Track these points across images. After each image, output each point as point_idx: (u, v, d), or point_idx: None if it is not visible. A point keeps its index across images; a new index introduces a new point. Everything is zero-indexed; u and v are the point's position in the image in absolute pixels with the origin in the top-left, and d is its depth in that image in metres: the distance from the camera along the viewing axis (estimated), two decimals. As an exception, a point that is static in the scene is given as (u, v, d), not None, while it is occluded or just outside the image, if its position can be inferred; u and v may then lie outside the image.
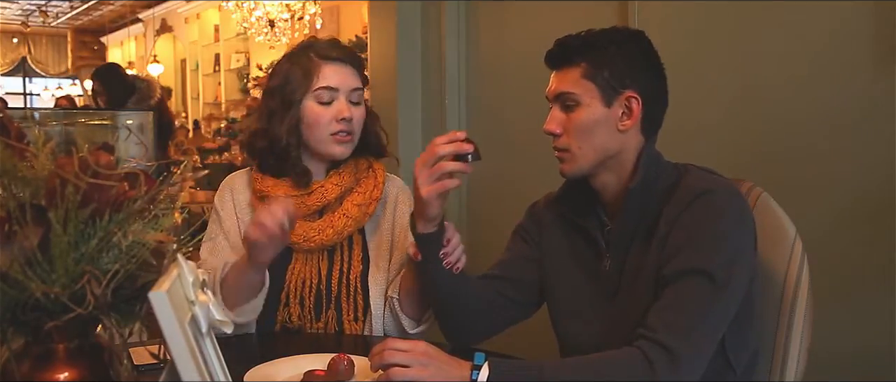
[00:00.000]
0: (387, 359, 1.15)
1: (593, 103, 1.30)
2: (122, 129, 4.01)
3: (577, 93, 1.30)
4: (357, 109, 1.59)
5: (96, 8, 11.46)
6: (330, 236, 1.56)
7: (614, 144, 1.31)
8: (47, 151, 0.87)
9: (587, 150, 1.31)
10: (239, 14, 6.66)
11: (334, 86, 1.57)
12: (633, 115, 1.30)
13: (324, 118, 1.56)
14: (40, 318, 0.82)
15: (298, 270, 1.58)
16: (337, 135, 1.57)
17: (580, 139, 1.31)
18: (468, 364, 1.16)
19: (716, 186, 1.25)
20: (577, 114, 1.30)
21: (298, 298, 1.57)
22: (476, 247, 3.02)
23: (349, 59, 1.60)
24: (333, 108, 1.56)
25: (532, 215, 1.51)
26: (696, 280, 1.18)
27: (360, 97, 1.61)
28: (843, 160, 1.75)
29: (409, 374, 1.14)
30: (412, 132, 3.07)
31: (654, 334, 1.15)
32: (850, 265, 1.71)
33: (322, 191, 1.58)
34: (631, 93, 1.30)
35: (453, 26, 2.94)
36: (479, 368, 1.15)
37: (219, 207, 1.65)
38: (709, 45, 2.04)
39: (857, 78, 1.72)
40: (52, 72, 13.87)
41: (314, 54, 1.58)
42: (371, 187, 1.63)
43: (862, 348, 1.68)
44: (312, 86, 1.56)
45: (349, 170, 1.62)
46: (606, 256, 1.35)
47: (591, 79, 1.29)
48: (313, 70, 1.57)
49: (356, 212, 1.59)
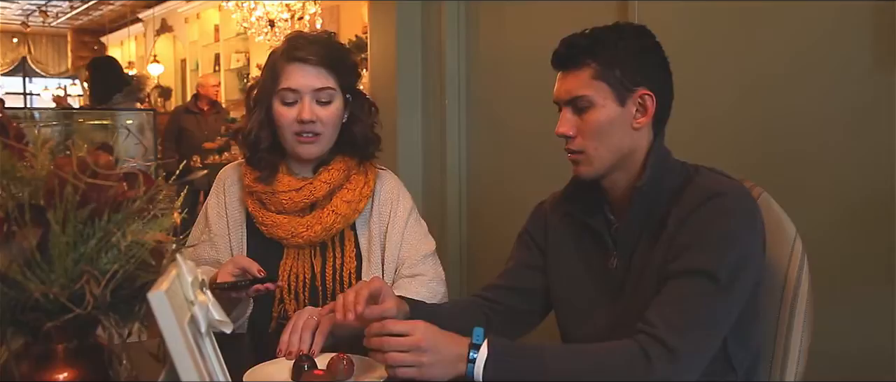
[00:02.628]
0: (383, 347, 1.15)
1: (607, 103, 1.29)
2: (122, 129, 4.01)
3: (590, 95, 1.29)
4: (324, 109, 1.57)
5: (96, 8, 11.45)
6: (318, 232, 1.57)
7: (629, 143, 1.31)
8: (46, 151, 0.87)
9: (603, 151, 1.30)
10: (239, 14, 6.67)
11: (295, 88, 1.55)
12: (648, 112, 1.30)
13: (286, 119, 1.57)
14: (40, 318, 0.82)
15: (290, 265, 1.59)
16: (300, 136, 1.56)
17: (596, 140, 1.30)
18: (466, 341, 1.17)
19: (727, 188, 1.25)
20: (592, 116, 1.29)
21: (292, 293, 1.58)
22: (475, 247, 3.02)
23: (317, 58, 1.56)
24: (296, 109, 1.56)
25: (537, 216, 1.50)
26: (699, 279, 1.18)
27: (330, 96, 1.57)
28: (843, 160, 1.75)
29: (408, 374, 1.14)
30: (412, 132, 3.07)
31: (653, 330, 1.15)
32: (851, 265, 1.70)
33: (310, 188, 1.59)
34: (644, 91, 1.29)
35: (453, 26, 2.93)
36: (477, 347, 1.15)
37: (211, 197, 1.69)
38: (708, 44, 2.04)
39: (857, 78, 1.72)
40: (52, 73, 13.86)
41: (282, 53, 1.58)
42: (361, 184, 1.63)
43: (862, 348, 1.68)
44: (277, 86, 1.56)
45: (339, 166, 1.62)
46: (613, 254, 1.34)
47: (603, 79, 1.28)
48: (279, 70, 1.57)
49: (345, 209, 1.59)
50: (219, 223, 1.65)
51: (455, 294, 2.84)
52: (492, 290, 1.48)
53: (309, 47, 1.57)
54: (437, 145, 3.01)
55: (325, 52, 1.58)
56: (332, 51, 1.60)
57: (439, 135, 2.99)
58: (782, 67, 1.87)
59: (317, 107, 1.56)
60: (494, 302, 1.47)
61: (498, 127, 2.81)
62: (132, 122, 4.21)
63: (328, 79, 1.57)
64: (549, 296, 1.46)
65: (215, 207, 1.68)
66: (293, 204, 1.58)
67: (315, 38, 1.60)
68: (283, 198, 1.58)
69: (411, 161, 3.04)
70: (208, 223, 1.66)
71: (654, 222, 1.28)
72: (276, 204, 1.59)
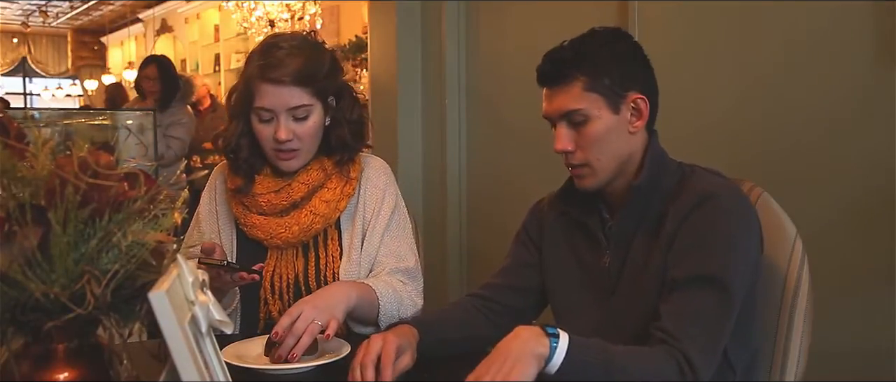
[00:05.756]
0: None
1: (603, 113, 1.29)
2: (122, 129, 4.02)
3: (584, 108, 1.28)
4: (301, 126, 1.54)
5: (96, 8, 11.45)
6: (296, 233, 1.56)
7: (628, 148, 1.31)
8: (47, 151, 0.87)
9: (606, 161, 1.30)
10: (239, 14, 6.66)
11: (269, 108, 1.53)
12: (643, 115, 1.30)
13: (263, 136, 1.55)
14: (40, 318, 0.82)
15: (274, 266, 1.59)
16: (279, 153, 1.56)
17: (598, 151, 1.30)
18: (539, 330, 1.12)
19: (722, 189, 1.25)
20: (590, 129, 1.29)
21: (277, 294, 1.57)
22: (475, 247, 3.02)
23: (290, 77, 1.51)
24: (271, 127, 1.54)
25: (534, 214, 1.51)
26: (710, 289, 1.19)
27: (306, 112, 1.54)
28: (843, 159, 1.75)
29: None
30: (412, 132, 3.07)
31: (678, 343, 1.15)
32: (851, 264, 1.71)
33: (288, 190, 1.58)
34: (636, 94, 1.30)
35: (453, 26, 2.93)
36: (556, 336, 1.11)
37: (204, 195, 1.70)
38: (709, 44, 2.04)
39: (857, 77, 1.72)
40: (52, 73, 13.86)
41: (256, 70, 1.53)
42: (343, 183, 1.62)
43: (862, 347, 1.68)
44: (253, 103, 1.54)
45: (317, 167, 1.60)
46: (606, 252, 1.35)
47: (595, 90, 1.28)
48: (253, 88, 1.54)
49: (324, 209, 1.58)
50: (209, 220, 1.66)
51: (455, 294, 2.84)
52: (489, 288, 1.49)
53: (280, 67, 1.51)
54: (437, 145, 3.01)
55: (298, 68, 1.52)
56: (306, 63, 1.54)
57: (439, 135, 2.99)
58: (782, 66, 1.87)
59: (293, 124, 1.54)
60: (491, 300, 1.47)
61: (498, 127, 2.81)
62: (132, 123, 4.21)
63: (302, 96, 1.53)
64: (545, 294, 1.47)
65: (207, 205, 1.69)
66: (271, 206, 1.57)
67: (288, 50, 1.54)
68: (261, 201, 1.58)
69: (411, 161, 3.04)
70: (199, 221, 1.67)
71: (649, 221, 1.29)
72: (256, 206, 1.59)
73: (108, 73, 12.16)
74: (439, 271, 2.94)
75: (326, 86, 1.58)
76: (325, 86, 1.57)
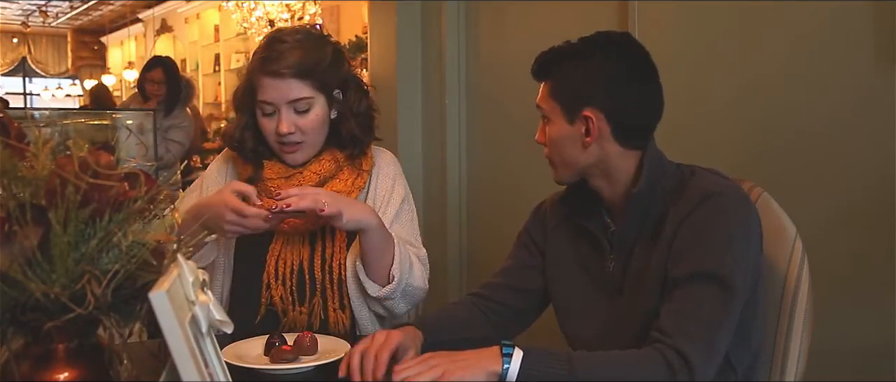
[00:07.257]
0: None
1: (558, 120, 1.32)
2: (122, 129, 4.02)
3: (546, 109, 1.34)
4: (303, 118, 1.55)
5: (96, 8, 11.45)
6: (304, 221, 1.56)
7: (585, 158, 1.31)
8: (47, 151, 0.87)
9: (560, 163, 1.35)
10: (239, 14, 6.66)
11: (270, 101, 1.54)
12: (593, 133, 1.29)
13: (267, 129, 1.57)
14: (40, 318, 0.82)
15: (279, 250, 1.59)
16: (282, 146, 1.57)
17: (554, 152, 1.35)
18: (496, 350, 1.17)
19: (723, 188, 1.25)
20: (549, 128, 1.34)
21: (280, 279, 1.57)
22: (475, 247, 3.02)
23: (290, 70, 1.52)
24: (274, 121, 1.56)
25: (537, 216, 1.51)
26: (709, 286, 1.19)
27: (308, 105, 1.55)
28: (843, 159, 1.75)
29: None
30: (412, 132, 3.07)
31: (671, 340, 1.16)
32: (851, 264, 1.71)
33: (299, 178, 1.59)
34: (588, 112, 1.28)
35: (453, 26, 2.93)
36: (509, 356, 1.15)
37: (211, 173, 1.70)
38: (709, 44, 2.04)
39: (857, 77, 1.72)
40: (52, 73, 13.86)
41: (258, 63, 1.55)
42: (354, 176, 1.63)
43: (862, 347, 1.68)
44: (256, 97, 1.56)
45: (328, 158, 1.61)
46: (610, 257, 1.35)
47: (555, 97, 1.32)
48: (256, 82, 1.55)
49: None
50: (215, 189, 1.64)
51: (455, 293, 2.84)
52: (489, 288, 1.50)
53: (281, 59, 1.52)
54: (437, 145, 3.01)
55: (299, 60, 1.53)
56: (306, 56, 1.54)
57: (439, 136, 2.99)
58: (782, 66, 1.87)
59: (295, 116, 1.55)
60: (491, 300, 1.48)
61: (498, 127, 2.81)
62: (132, 122, 4.21)
63: (303, 89, 1.54)
64: (546, 296, 1.47)
65: (215, 175, 1.69)
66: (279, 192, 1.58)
67: (291, 44, 1.55)
68: (271, 186, 1.58)
69: (411, 161, 3.04)
70: (202, 184, 1.68)
71: (650, 224, 1.29)
72: (265, 191, 1.58)
73: (108, 73, 12.16)
74: (439, 270, 2.93)
75: (329, 78, 1.58)
76: (327, 78, 1.58)
